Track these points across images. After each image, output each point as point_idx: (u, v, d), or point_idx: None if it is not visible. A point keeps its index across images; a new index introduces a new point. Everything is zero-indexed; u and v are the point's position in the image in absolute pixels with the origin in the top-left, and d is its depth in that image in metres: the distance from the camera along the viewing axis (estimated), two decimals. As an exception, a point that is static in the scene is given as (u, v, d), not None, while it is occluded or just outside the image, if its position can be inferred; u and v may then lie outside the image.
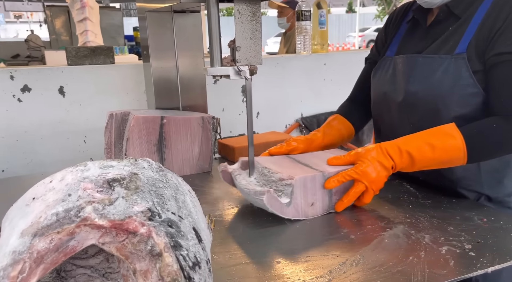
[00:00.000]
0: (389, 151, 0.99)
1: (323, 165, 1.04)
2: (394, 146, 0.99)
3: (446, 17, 1.07)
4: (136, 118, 1.28)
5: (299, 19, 2.17)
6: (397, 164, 0.98)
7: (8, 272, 0.51)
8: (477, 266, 0.77)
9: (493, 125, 0.97)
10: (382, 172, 0.98)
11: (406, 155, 0.98)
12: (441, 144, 0.97)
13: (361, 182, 0.98)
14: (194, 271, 0.56)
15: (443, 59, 1.03)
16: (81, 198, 0.58)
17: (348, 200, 1.00)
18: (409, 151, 0.98)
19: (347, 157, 1.03)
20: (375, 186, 0.99)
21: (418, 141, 0.99)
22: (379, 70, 1.22)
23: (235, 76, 1.01)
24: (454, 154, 0.97)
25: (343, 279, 0.74)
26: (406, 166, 0.99)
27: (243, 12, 0.97)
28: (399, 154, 0.98)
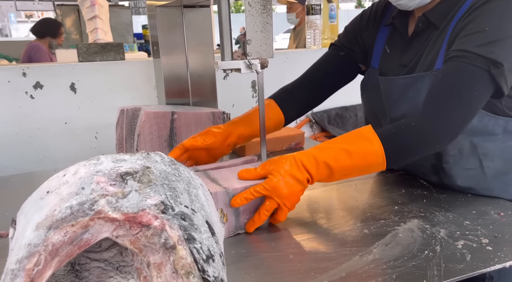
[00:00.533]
0: (304, 163, 0.88)
1: (231, 180, 0.92)
2: (310, 157, 0.89)
3: (426, 27, 1.03)
4: (147, 114, 1.28)
5: (309, 13, 2.16)
6: (314, 177, 0.89)
7: (24, 265, 0.51)
8: (494, 261, 0.75)
9: (411, 123, 0.91)
10: (296, 187, 0.87)
11: (323, 166, 0.89)
12: (358, 150, 0.90)
13: (272, 198, 0.87)
14: (208, 264, 0.55)
15: (423, 77, 0.99)
16: (95, 192, 0.58)
17: (259, 219, 0.88)
18: (326, 161, 0.88)
19: (258, 170, 0.91)
20: (288, 202, 0.88)
21: (334, 149, 0.91)
22: (367, 85, 1.17)
23: (246, 69, 1.00)
24: (373, 160, 0.90)
25: (357, 273, 0.73)
26: (324, 177, 0.90)
27: (254, 5, 0.96)
28: (316, 165, 0.88)
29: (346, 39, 1.24)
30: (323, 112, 2.41)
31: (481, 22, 0.90)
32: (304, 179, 0.88)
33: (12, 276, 0.50)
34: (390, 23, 1.13)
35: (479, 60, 0.88)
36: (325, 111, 2.41)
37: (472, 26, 0.91)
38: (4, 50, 5.08)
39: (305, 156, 0.89)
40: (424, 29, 1.03)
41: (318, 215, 1.00)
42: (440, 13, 1.00)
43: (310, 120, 2.39)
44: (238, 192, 0.88)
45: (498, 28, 0.89)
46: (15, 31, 20.38)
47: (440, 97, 0.92)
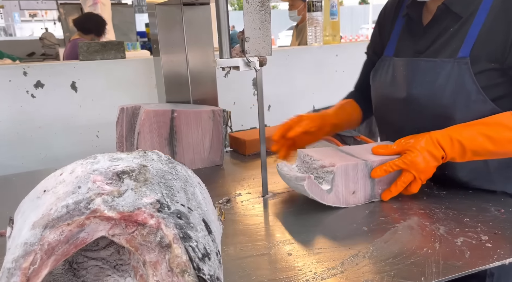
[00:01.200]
0: (440, 140, 0.95)
1: (366, 154, 1.04)
2: (445, 136, 0.95)
3: (445, 16, 1.03)
4: (147, 112, 1.28)
5: (310, 10, 2.15)
6: (448, 154, 0.95)
7: (20, 264, 0.51)
8: (494, 258, 0.75)
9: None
10: (432, 162, 0.95)
11: (457, 144, 0.94)
12: (498, 137, 0.94)
13: (409, 172, 0.96)
14: (203, 262, 0.55)
15: (445, 63, 0.99)
16: (91, 190, 0.58)
17: (396, 189, 0.99)
18: (460, 141, 0.94)
19: (393, 147, 1.00)
20: (423, 176, 0.97)
21: (471, 131, 0.95)
22: (379, 71, 1.18)
23: (244, 67, 1.00)
24: (508, 148, 0.95)
25: (355, 271, 0.73)
26: (457, 155, 0.96)
27: (252, 2, 0.96)
28: (450, 143, 0.95)
29: (372, 48, 1.29)
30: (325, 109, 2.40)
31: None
32: (439, 156, 0.95)
33: (9, 275, 0.51)
34: (405, 14, 1.14)
35: None
36: (326, 108, 2.40)
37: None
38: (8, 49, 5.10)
39: (440, 135, 0.96)
40: (442, 18, 1.04)
41: (316, 212, 0.99)
42: (462, 2, 1.00)
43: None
44: (376, 164, 0.99)
45: None
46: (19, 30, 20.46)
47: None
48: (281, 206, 1.04)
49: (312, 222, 0.94)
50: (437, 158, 0.95)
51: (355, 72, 2.41)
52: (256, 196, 1.10)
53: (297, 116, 1.20)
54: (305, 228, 0.92)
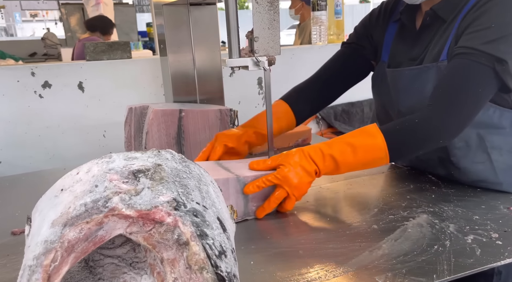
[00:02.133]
0: (311, 155, 0.93)
1: (242, 169, 0.97)
2: (317, 150, 0.94)
3: (433, 20, 1.03)
4: (155, 112, 1.29)
5: (315, 9, 2.15)
6: (321, 169, 0.94)
7: (41, 261, 0.52)
8: (504, 255, 0.75)
9: (414, 120, 0.94)
10: (305, 178, 0.92)
11: (329, 159, 0.93)
12: (362, 144, 0.94)
13: (282, 187, 0.92)
14: (220, 259, 0.56)
15: (428, 68, 1.00)
16: (108, 189, 0.59)
17: (269, 206, 0.94)
18: (332, 154, 0.93)
19: (268, 162, 0.96)
20: (297, 192, 0.93)
21: (340, 143, 0.95)
22: (377, 78, 1.18)
23: (253, 67, 1.01)
24: (376, 154, 0.94)
25: (367, 268, 0.74)
26: (330, 170, 0.95)
27: (261, 2, 0.97)
28: (322, 158, 0.93)
29: (356, 37, 1.25)
30: (330, 108, 2.41)
31: (487, 19, 0.91)
32: (313, 171, 0.93)
33: (30, 272, 0.51)
34: (398, 18, 1.13)
35: (484, 57, 0.89)
36: (331, 107, 2.41)
37: (478, 23, 0.92)
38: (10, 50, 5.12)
39: (312, 149, 0.94)
40: (431, 23, 1.04)
41: (327, 211, 1.00)
42: (448, 7, 1.00)
43: (317, 117, 2.39)
44: (249, 180, 0.93)
45: (503, 25, 0.90)
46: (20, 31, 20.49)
47: (444, 93, 0.93)
48: (290, 204, 1.05)
49: (321, 220, 0.95)
50: (310, 173, 0.92)
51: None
52: (265, 195, 1.11)
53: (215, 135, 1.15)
54: (315, 226, 0.92)
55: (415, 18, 1.10)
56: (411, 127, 0.95)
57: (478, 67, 0.90)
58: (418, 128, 0.95)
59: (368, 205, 1.01)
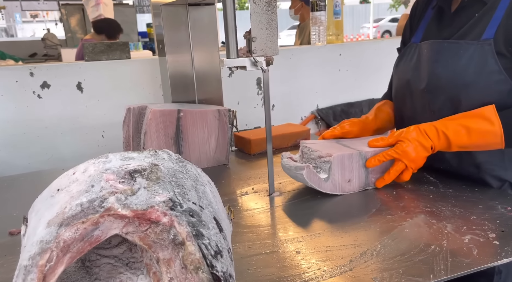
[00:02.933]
0: (427, 132, 1.01)
1: (362, 146, 1.11)
2: (431, 128, 1.02)
3: (472, 3, 1.05)
4: (153, 112, 1.29)
5: (314, 10, 2.15)
6: (436, 145, 1.01)
7: (37, 261, 0.52)
8: (502, 255, 0.75)
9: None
10: (422, 152, 1.01)
11: (443, 137, 1.00)
12: (477, 129, 0.98)
13: (401, 161, 1.03)
14: (216, 259, 0.56)
15: (469, 45, 1.01)
16: (104, 189, 0.59)
17: (389, 177, 1.06)
18: (446, 134, 1.00)
19: (387, 139, 1.07)
20: (414, 165, 1.03)
21: (455, 124, 1.00)
22: (404, 57, 1.21)
23: (251, 67, 1.01)
24: (491, 139, 0.98)
25: (364, 268, 0.74)
26: (443, 147, 1.02)
27: (259, 2, 0.97)
28: (437, 135, 1.01)
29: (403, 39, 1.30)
30: (329, 108, 2.40)
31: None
32: (429, 146, 1.01)
33: (25, 272, 0.51)
34: (435, 5, 1.16)
35: None
36: (330, 107, 2.41)
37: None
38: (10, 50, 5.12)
39: (427, 127, 1.03)
40: (469, 5, 1.06)
41: (325, 211, 1.00)
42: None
43: (316, 117, 2.39)
44: (370, 155, 1.07)
45: None
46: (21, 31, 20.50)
47: None
48: (288, 204, 1.05)
49: (319, 220, 0.95)
50: (426, 148, 1.01)
51: (358, 71, 2.42)
52: (263, 195, 1.11)
53: (341, 122, 1.27)
54: (312, 226, 0.92)
55: (450, 3, 1.12)
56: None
57: None
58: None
59: (366, 205, 1.01)
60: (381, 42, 2.61)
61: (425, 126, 1.02)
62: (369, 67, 2.41)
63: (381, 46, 2.51)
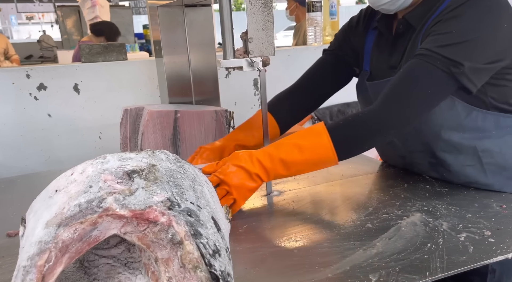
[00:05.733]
0: (259, 157, 0.94)
1: None
2: (265, 153, 0.95)
3: (406, 29, 1.05)
4: (151, 113, 1.29)
5: (310, 10, 2.16)
6: (269, 170, 0.93)
7: (36, 261, 0.52)
8: (497, 252, 0.76)
9: (358, 115, 0.96)
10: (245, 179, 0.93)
11: (278, 161, 0.94)
12: (308, 144, 0.95)
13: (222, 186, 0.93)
14: (214, 258, 0.56)
15: None
16: (102, 189, 0.59)
17: None
18: (280, 156, 0.94)
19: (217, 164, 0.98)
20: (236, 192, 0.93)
21: (287, 144, 0.96)
22: (362, 87, 1.19)
23: (248, 67, 1.01)
24: (323, 153, 0.94)
25: (361, 266, 0.74)
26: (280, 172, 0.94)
27: (255, 3, 0.97)
28: (270, 159, 0.94)
29: (337, 43, 1.26)
30: (325, 108, 2.41)
31: (450, 24, 0.92)
32: (254, 173, 0.93)
33: (24, 273, 0.52)
34: (375, 27, 1.15)
35: (439, 60, 0.91)
36: (327, 107, 2.42)
37: (441, 28, 0.93)
38: (6, 52, 5.09)
39: (261, 152, 0.96)
40: (404, 31, 1.06)
41: (321, 210, 1.01)
42: (418, 15, 1.02)
43: (313, 117, 2.40)
44: None
45: (464, 31, 0.91)
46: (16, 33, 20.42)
47: (393, 90, 0.95)
48: (286, 203, 1.05)
49: (317, 219, 0.96)
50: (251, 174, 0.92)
51: (354, 72, 2.42)
52: (261, 195, 1.11)
53: (198, 148, 1.16)
54: (310, 225, 0.93)
55: (392, 25, 1.11)
56: (355, 121, 0.96)
57: (431, 69, 0.91)
58: (363, 122, 0.95)
59: (363, 204, 1.02)
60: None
61: (258, 152, 0.95)
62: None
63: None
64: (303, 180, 1.19)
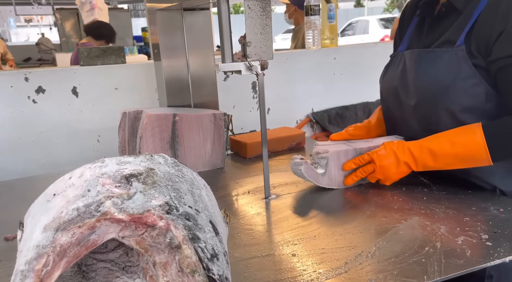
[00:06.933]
0: (410, 147, 1.05)
1: (362, 143, 1.17)
2: (416, 143, 1.05)
3: (449, 11, 1.07)
4: (149, 116, 1.29)
5: (308, 14, 2.17)
6: (417, 159, 1.03)
7: (33, 266, 0.52)
8: (494, 256, 0.76)
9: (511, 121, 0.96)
10: (394, 164, 1.05)
11: (427, 151, 1.02)
12: (460, 140, 0.99)
13: (373, 163, 1.08)
14: (212, 262, 0.57)
15: (444, 52, 1.03)
16: (100, 193, 0.59)
17: (356, 176, 1.11)
18: (430, 147, 1.02)
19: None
20: (382, 172, 1.07)
21: (440, 138, 1.03)
22: (390, 66, 1.23)
23: (246, 71, 1.02)
24: (475, 150, 0.97)
25: (359, 270, 0.75)
26: (428, 162, 1.03)
27: (253, 8, 0.98)
28: (420, 149, 1.03)
29: (394, 45, 1.31)
30: (323, 112, 2.42)
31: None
32: (403, 160, 1.04)
33: (22, 277, 0.52)
34: (418, 13, 1.19)
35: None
36: (325, 111, 2.42)
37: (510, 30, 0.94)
38: (5, 55, 5.09)
39: (413, 142, 1.06)
40: (447, 14, 1.09)
41: (319, 213, 1.01)
42: None
43: (311, 120, 2.40)
44: (364, 150, 1.12)
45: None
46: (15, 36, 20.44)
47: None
48: (284, 207, 1.05)
49: (314, 222, 0.96)
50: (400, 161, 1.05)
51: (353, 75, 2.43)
52: (259, 198, 1.11)
53: (345, 130, 1.30)
54: (307, 228, 0.93)
55: (434, 9, 1.14)
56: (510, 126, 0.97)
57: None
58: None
59: (361, 207, 1.02)
60: (375, 46, 2.63)
61: (410, 143, 1.06)
62: (363, 70, 2.42)
63: (375, 50, 2.53)
64: (301, 184, 1.19)
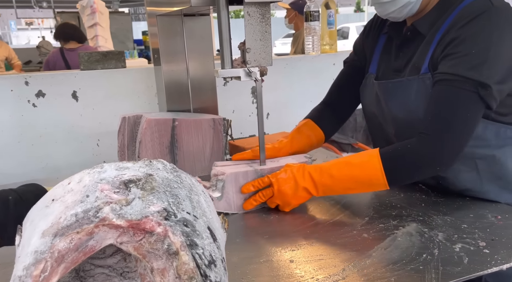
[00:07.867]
0: (310, 172, 1.02)
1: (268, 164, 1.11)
2: (316, 167, 1.03)
3: (414, 35, 1.07)
4: (148, 121, 1.29)
5: (308, 20, 2.18)
6: (317, 182, 1.01)
7: (31, 271, 0.52)
8: (491, 263, 0.76)
9: (407, 145, 0.97)
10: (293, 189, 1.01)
11: (327, 175, 1.01)
12: (358, 163, 1.00)
13: (271, 188, 1.03)
14: (210, 269, 0.57)
15: (413, 81, 1.03)
16: (99, 199, 0.59)
17: (255, 200, 1.05)
18: (330, 171, 1.01)
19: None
20: (281, 197, 1.02)
21: (339, 161, 1.04)
22: (366, 89, 1.21)
23: (245, 77, 1.02)
24: (372, 173, 0.97)
25: (357, 277, 0.75)
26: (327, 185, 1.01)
27: (253, 14, 0.99)
28: (320, 173, 1.01)
29: (354, 53, 1.30)
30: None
31: (468, 44, 0.94)
32: (302, 186, 1.01)
33: (20, 283, 0.52)
34: (386, 31, 1.17)
35: (468, 83, 0.92)
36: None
37: (460, 49, 0.94)
38: (5, 58, 5.10)
39: (313, 166, 1.04)
40: (412, 37, 1.08)
41: (317, 220, 1.01)
42: (427, 23, 1.04)
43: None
44: (266, 172, 1.07)
45: (484, 50, 0.92)
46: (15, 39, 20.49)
47: (435, 122, 0.96)
48: (282, 213, 1.05)
49: (313, 229, 0.96)
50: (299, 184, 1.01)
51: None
52: (257, 204, 1.11)
53: (251, 150, 1.21)
54: (306, 235, 0.93)
55: (401, 30, 1.13)
56: (405, 153, 0.98)
57: (464, 94, 0.93)
58: (412, 154, 0.97)
59: (359, 214, 1.02)
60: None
61: (311, 167, 1.03)
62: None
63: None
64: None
